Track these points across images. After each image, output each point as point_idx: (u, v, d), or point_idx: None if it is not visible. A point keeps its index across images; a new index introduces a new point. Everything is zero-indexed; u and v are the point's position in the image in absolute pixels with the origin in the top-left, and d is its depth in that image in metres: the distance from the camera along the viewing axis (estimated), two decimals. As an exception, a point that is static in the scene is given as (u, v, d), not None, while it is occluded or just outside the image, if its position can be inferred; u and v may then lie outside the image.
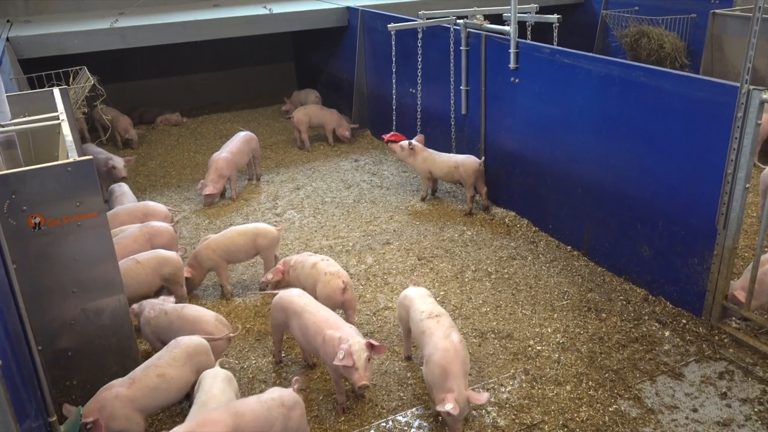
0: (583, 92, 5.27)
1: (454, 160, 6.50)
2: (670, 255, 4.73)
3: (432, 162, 6.67)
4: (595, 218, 5.41)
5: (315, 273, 4.53)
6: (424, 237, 6.08)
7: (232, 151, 7.18)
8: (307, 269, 4.60)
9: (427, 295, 4.15)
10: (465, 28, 6.52)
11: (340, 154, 8.44)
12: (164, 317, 4.21)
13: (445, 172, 6.57)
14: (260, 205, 6.94)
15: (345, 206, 6.85)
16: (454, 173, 6.49)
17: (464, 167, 6.39)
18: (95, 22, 8.78)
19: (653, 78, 4.62)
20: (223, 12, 9.28)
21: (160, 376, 3.62)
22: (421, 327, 3.84)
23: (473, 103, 6.72)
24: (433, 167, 6.65)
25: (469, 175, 6.38)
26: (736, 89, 4.04)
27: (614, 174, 5.10)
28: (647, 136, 4.74)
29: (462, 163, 6.41)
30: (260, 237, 5.22)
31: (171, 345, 3.82)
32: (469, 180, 6.39)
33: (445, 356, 3.56)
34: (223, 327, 4.13)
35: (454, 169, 6.46)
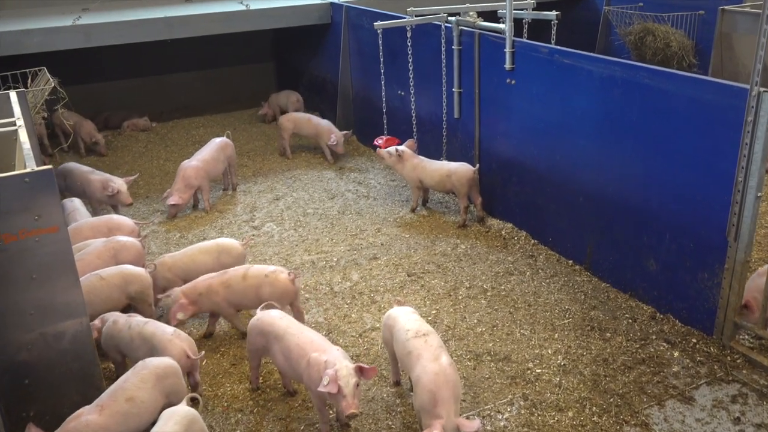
0: (583, 94, 5.32)
1: (446, 168, 6.54)
2: (679, 269, 4.77)
3: (422, 170, 6.70)
4: (598, 230, 5.45)
5: (254, 281, 4.68)
6: (415, 251, 6.10)
7: (204, 159, 7.17)
8: (241, 283, 4.70)
9: (413, 312, 4.15)
10: (457, 26, 6.58)
11: (323, 162, 8.45)
12: (127, 332, 4.25)
13: (437, 181, 6.59)
14: (236, 217, 6.93)
15: (328, 218, 6.85)
16: (446, 182, 6.52)
17: (457, 175, 6.42)
18: (56, 18, 8.77)
19: (658, 79, 4.68)
20: (196, 8, 9.30)
21: (129, 400, 3.61)
22: (407, 347, 3.83)
23: (466, 106, 6.77)
24: (424, 175, 6.68)
25: (462, 184, 6.41)
26: (746, 91, 4.10)
27: (618, 182, 5.15)
28: (653, 142, 4.79)
29: (455, 171, 6.44)
30: (224, 254, 5.20)
31: (138, 366, 3.82)
32: (463, 189, 6.42)
33: (434, 380, 3.55)
34: (180, 344, 4.13)
35: (446, 178, 6.49)
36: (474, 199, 6.52)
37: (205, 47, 10.57)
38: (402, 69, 7.37)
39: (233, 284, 4.75)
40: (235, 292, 4.75)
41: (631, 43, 9.14)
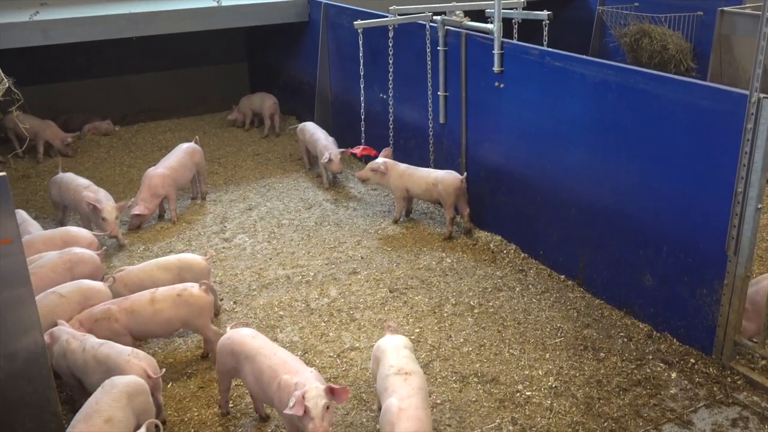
0: (576, 99, 5.38)
1: (432, 177, 6.57)
2: (676, 285, 4.83)
3: (408, 178, 6.73)
4: (591, 243, 5.50)
5: (164, 305, 4.66)
6: (397, 265, 6.11)
7: (171, 166, 7.14)
8: (148, 308, 4.65)
9: (404, 346, 4.11)
10: (443, 26, 6.63)
11: (299, 169, 8.46)
12: (81, 354, 4.21)
13: (423, 190, 6.62)
14: (206, 228, 6.91)
15: (305, 230, 6.85)
16: (432, 191, 6.55)
17: (444, 184, 6.45)
18: (11, 13, 8.71)
19: (654, 84, 4.75)
20: (163, 4, 9.29)
21: (108, 422, 3.61)
22: (386, 383, 3.80)
23: (453, 110, 6.81)
24: (410, 183, 6.71)
25: (449, 194, 6.44)
26: (746, 98, 4.17)
27: (612, 192, 5.21)
28: (648, 150, 4.86)
29: (441, 180, 6.48)
30: (185, 270, 5.16)
31: (107, 386, 3.82)
32: (449, 199, 6.45)
33: (397, 415, 3.54)
34: (138, 363, 4.11)
35: (433, 187, 6.53)
36: (461, 209, 6.56)
37: (173, 46, 10.54)
38: (384, 71, 7.41)
39: (139, 310, 4.65)
40: (142, 319, 4.64)
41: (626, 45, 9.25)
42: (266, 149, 9.22)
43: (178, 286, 4.77)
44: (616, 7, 9.72)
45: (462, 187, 6.44)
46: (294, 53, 10.00)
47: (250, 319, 5.38)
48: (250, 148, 9.29)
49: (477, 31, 6.38)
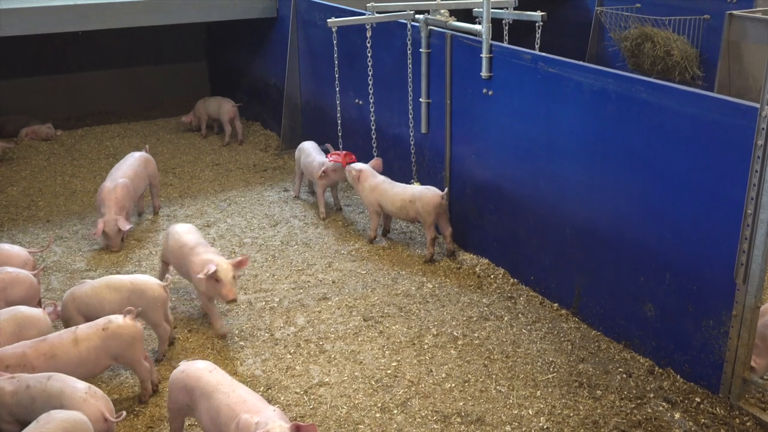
0: (572, 110, 5.44)
1: (409, 193, 6.59)
2: (680, 316, 4.87)
3: (382, 193, 6.74)
4: (587, 268, 5.54)
5: (91, 343, 4.55)
6: (372, 290, 6.11)
7: (129, 175, 7.06)
8: (72, 349, 4.53)
9: None
10: (425, 26, 6.68)
11: (264, 182, 8.44)
12: (25, 393, 4.11)
13: (398, 207, 6.64)
14: (158, 247, 6.85)
15: (270, 250, 6.83)
16: (409, 208, 6.57)
17: (422, 202, 6.47)
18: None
19: (656, 94, 4.81)
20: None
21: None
22: None
23: (436, 119, 6.85)
24: (383, 200, 6.73)
25: (428, 212, 6.46)
26: (756, 111, 4.24)
27: (610, 213, 5.25)
28: (650, 167, 4.91)
29: (420, 197, 6.50)
30: (137, 295, 5.05)
31: (42, 420, 3.77)
32: (429, 218, 6.47)
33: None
34: (96, 403, 4.06)
35: (410, 204, 6.54)
36: (442, 229, 6.58)
37: (124, 42, 10.51)
38: (360, 74, 7.44)
39: (60, 354, 4.49)
40: (65, 364, 4.48)
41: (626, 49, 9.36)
42: (227, 159, 9.20)
43: (100, 321, 4.65)
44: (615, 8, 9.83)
45: (442, 205, 6.47)
46: (260, 53, 10.00)
47: (206, 350, 5.34)
48: (209, 157, 9.27)
49: (463, 32, 6.43)
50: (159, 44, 10.90)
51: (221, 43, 11.12)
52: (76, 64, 10.71)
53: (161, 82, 11.29)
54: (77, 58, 10.63)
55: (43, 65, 10.51)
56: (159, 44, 10.90)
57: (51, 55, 10.38)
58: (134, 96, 11.14)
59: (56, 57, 10.47)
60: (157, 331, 5.18)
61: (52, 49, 10.16)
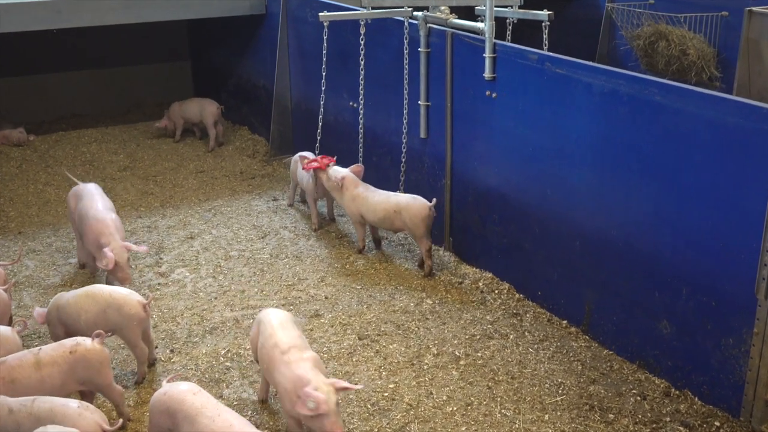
0: (581, 113, 5.46)
1: (393, 202, 6.58)
2: (698, 333, 4.88)
3: (363, 202, 6.75)
4: (598, 283, 5.55)
5: (55, 368, 4.49)
6: (368, 307, 6.11)
7: (109, 207, 6.55)
8: (33, 374, 4.46)
9: None
10: (425, 23, 6.71)
11: (252, 190, 8.45)
12: (9, 417, 4.12)
13: (381, 218, 6.65)
14: (137, 261, 6.85)
15: (258, 263, 6.83)
16: (394, 219, 6.57)
17: (410, 213, 6.46)
18: None
19: (671, 97, 4.84)
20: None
21: None
22: None
23: (435, 123, 6.87)
24: (365, 209, 6.74)
25: (416, 224, 6.44)
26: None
27: (622, 223, 5.27)
28: (665, 174, 4.93)
29: (406, 207, 6.49)
30: (113, 310, 5.02)
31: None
32: (418, 230, 6.46)
33: None
34: (92, 416, 4.09)
35: (395, 215, 6.54)
36: None
37: (102, 41, 10.50)
38: (355, 75, 7.46)
39: (20, 378, 4.42)
40: (25, 390, 4.40)
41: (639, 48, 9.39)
42: (212, 166, 9.20)
43: (67, 342, 4.62)
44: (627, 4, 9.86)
45: (431, 216, 6.46)
46: (248, 52, 10.02)
47: (190, 372, 5.33)
48: (192, 164, 9.27)
49: (465, 31, 6.46)
50: (139, 43, 10.89)
51: (206, 42, 11.14)
52: (50, 64, 10.70)
53: (141, 84, 11.29)
54: (50, 58, 10.63)
55: (16, 66, 10.49)
56: (139, 43, 10.89)
57: (24, 56, 10.37)
58: (112, 98, 11.12)
59: (27, 57, 10.46)
60: (135, 351, 5.17)
61: (23, 49, 10.15)
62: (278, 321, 4.68)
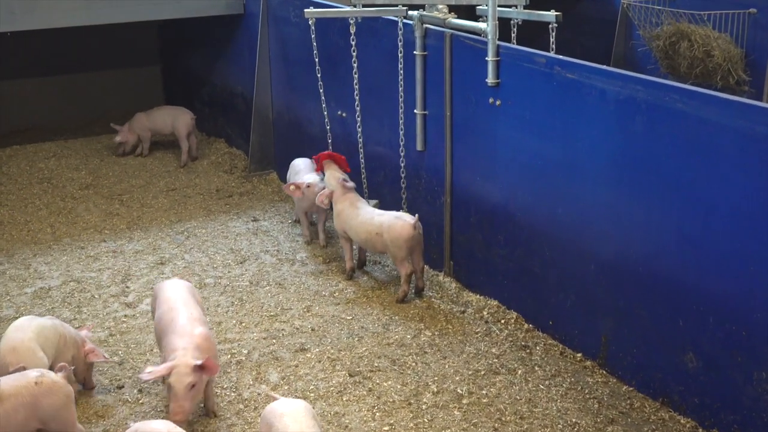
0: (595, 123, 5.48)
1: (376, 223, 6.59)
2: (727, 366, 4.88)
3: (346, 220, 6.79)
4: (616, 311, 5.56)
5: (18, 400, 4.50)
6: (360, 340, 6.11)
7: None
8: None
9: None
10: (420, 24, 6.74)
11: (229, 210, 8.45)
12: None
13: (364, 239, 6.70)
14: (101, 289, 6.85)
15: (237, 292, 6.83)
16: (375, 241, 6.60)
17: (391, 235, 6.47)
18: None
19: (695, 104, 4.86)
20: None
21: None
22: None
23: (434, 134, 6.89)
24: (348, 227, 6.78)
25: (398, 246, 6.46)
26: (812, 123, 4.30)
27: (642, 244, 5.28)
28: (688, 190, 4.94)
29: (387, 228, 6.50)
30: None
31: None
32: (400, 253, 6.47)
33: None
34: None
35: (376, 237, 6.57)
36: (415, 264, 6.59)
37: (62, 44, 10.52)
38: (344, 81, 7.48)
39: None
40: None
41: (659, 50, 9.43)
42: (185, 183, 9.21)
43: (31, 374, 4.61)
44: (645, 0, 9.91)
45: (415, 236, 6.47)
46: (224, 56, 10.05)
47: (161, 415, 5.31)
48: (162, 181, 9.28)
49: (465, 32, 6.49)
50: (103, 47, 10.92)
51: (178, 45, 11.18)
52: (2, 70, 10.70)
53: (106, 92, 11.29)
54: (3, 64, 10.62)
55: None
56: (103, 47, 10.92)
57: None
58: (73, 108, 11.13)
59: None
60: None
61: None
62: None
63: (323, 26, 7.37)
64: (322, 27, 7.36)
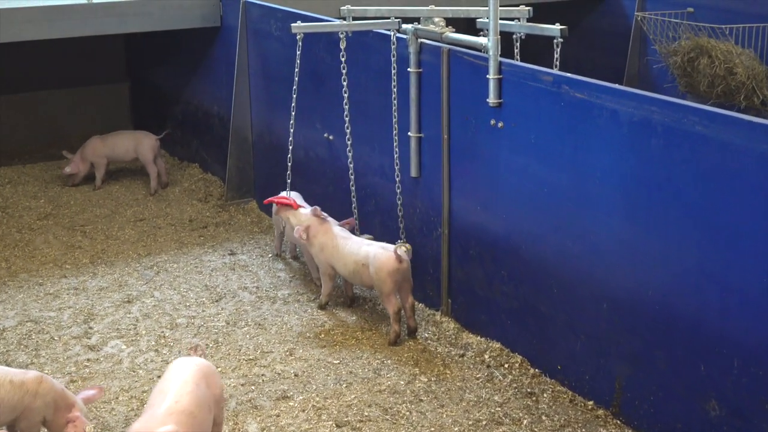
0: (606, 147, 5.50)
1: (363, 253, 6.63)
2: (754, 416, 4.87)
3: (332, 252, 6.81)
4: (631, 354, 5.56)
5: None
6: (348, 386, 6.10)
7: None
8: None
9: None
10: (415, 38, 6.77)
11: (204, 242, 8.45)
12: None
13: (351, 271, 6.73)
14: (61, 330, 6.83)
15: (212, 333, 6.82)
16: (362, 273, 6.62)
17: (375, 266, 6.51)
18: None
19: (716, 126, 4.87)
20: (6, 0, 9.30)
21: None
22: None
23: (430, 159, 6.91)
24: (335, 260, 6.81)
25: (382, 280, 6.49)
26: (843, 149, 4.33)
27: (659, 281, 5.29)
28: (711, 221, 4.95)
29: (373, 259, 6.54)
30: None
31: None
32: (385, 287, 6.49)
33: None
34: None
35: (363, 268, 6.60)
36: (402, 299, 6.61)
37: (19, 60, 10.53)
38: (331, 101, 7.50)
39: None
40: None
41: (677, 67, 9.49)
42: (154, 212, 9.21)
43: None
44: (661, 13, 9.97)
45: (401, 270, 6.50)
46: (199, 73, 10.07)
47: (126, 470, 5.30)
48: (130, 210, 9.28)
49: (464, 47, 6.53)
50: (65, 62, 10.93)
51: (147, 61, 11.21)
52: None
53: (67, 111, 11.30)
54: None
55: None
56: (65, 62, 10.93)
57: None
58: (31, 130, 11.13)
59: None
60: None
61: None
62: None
63: (308, 41, 7.38)
64: (307, 41, 7.38)
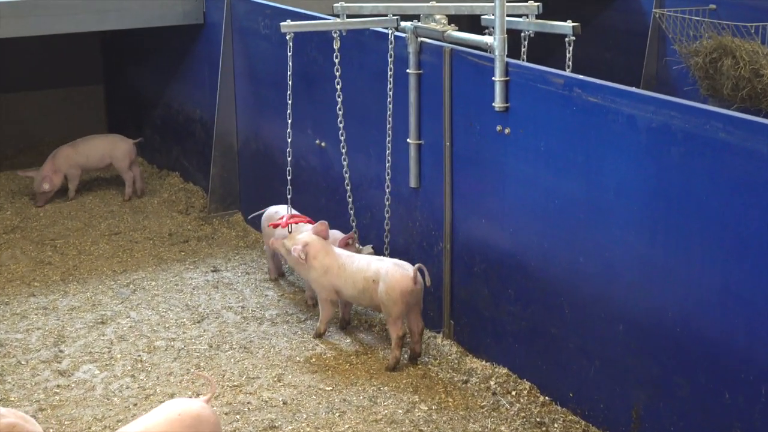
0: (622, 155, 5.50)
1: (373, 270, 6.58)
2: (783, 448, 4.89)
3: (338, 274, 6.74)
4: (649, 380, 5.55)
5: None
6: (341, 415, 6.09)
7: None
8: None
9: None
10: (415, 37, 6.78)
11: (185, 258, 8.45)
12: None
13: (360, 290, 6.66)
14: (29, 354, 6.82)
15: (193, 357, 6.81)
16: (372, 292, 6.56)
17: (387, 284, 6.46)
18: None
19: (740, 133, 4.87)
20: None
21: None
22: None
23: (430, 168, 6.92)
24: (341, 282, 6.73)
25: (393, 301, 6.44)
26: None
27: (680, 302, 5.28)
28: (735, 236, 4.95)
29: (384, 276, 6.48)
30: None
31: None
32: (395, 308, 6.45)
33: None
34: None
35: (372, 285, 6.56)
36: (411, 324, 6.59)
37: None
38: (324, 105, 7.51)
39: None
40: None
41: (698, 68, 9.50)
42: (131, 225, 9.20)
43: None
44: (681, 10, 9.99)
45: (414, 291, 6.47)
46: (180, 74, 10.09)
47: (99, 506, 5.29)
48: (104, 223, 9.28)
49: (468, 47, 6.54)
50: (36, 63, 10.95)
51: (124, 61, 11.22)
52: None
53: (38, 116, 11.31)
54: None
55: None
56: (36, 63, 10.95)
57: None
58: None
59: None
60: None
61: None
62: None
63: (299, 40, 7.38)
64: (298, 41, 7.38)
